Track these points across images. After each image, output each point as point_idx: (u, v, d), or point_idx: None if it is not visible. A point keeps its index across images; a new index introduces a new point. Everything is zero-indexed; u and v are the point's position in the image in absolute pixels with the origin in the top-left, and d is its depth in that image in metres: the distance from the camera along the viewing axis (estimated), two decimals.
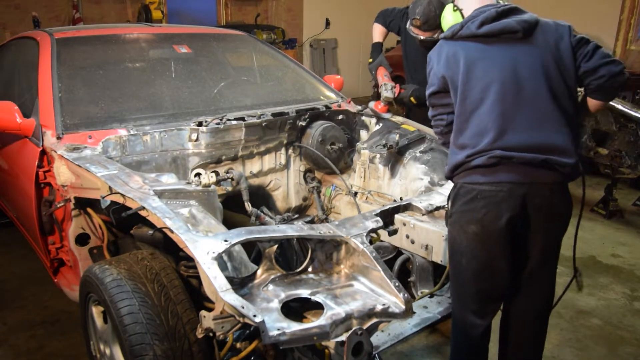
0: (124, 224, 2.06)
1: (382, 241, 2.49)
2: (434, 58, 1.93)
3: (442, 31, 2.85)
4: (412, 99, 3.04)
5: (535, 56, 1.79)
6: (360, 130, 3.07)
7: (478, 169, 1.77)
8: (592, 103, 1.87)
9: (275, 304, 1.56)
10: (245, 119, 2.57)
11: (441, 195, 2.15)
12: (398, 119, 2.97)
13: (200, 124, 2.45)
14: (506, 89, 1.76)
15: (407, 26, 2.98)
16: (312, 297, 1.63)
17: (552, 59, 1.78)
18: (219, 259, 1.50)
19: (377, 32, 3.29)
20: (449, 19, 2.02)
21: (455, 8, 2.00)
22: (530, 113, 1.75)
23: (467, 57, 1.81)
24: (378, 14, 3.29)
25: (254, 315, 1.38)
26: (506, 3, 1.85)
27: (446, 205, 1.95)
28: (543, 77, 1.76)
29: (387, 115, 3.00)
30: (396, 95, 3.07)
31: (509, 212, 1.75)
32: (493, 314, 1.94)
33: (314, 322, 1.49)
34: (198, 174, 2.41)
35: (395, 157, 2.78)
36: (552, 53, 1.78)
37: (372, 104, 3.13)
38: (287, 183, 2.97)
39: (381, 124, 2.97)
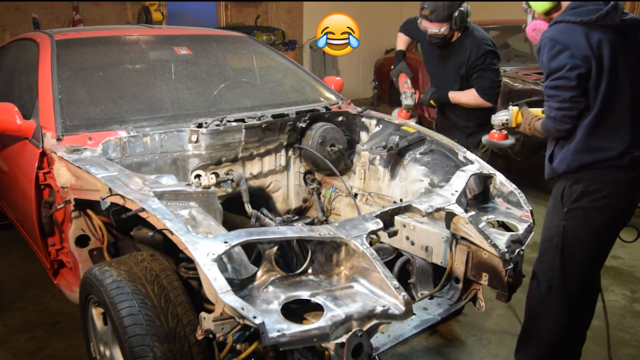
0: (124, 226, 2.06)
1: (382, 243, 2.49)
2: (564, 40, 1.83)
3: (452, 26, 2.89)
4: (431, 101, 3.15)
5: None
6: (360, 132, 3.07)
7: (614, 168, 1.88)
8: None
9: (275, 306, 1.56)
10: (245, 120, 2.57)
11: (441, 196, 2.15)
12: (400, 120, 2.98)
13: (200, 126, 2.46)
14: (638, 85, 1.85)
15: (418, 21, 3.02)
16: (312, 299, 1.63)
17: None
18: (218, 260, 1.50)
19: (400, 41, 3.41)
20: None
21: None
22: None
23: (613, 48, 1.81)
24: (402, 24, 3.35)
25: (254, 317, 1.38)
26: None
27: (561, 201, 2.00)
28: None
29: (412, 122, 3.05)
30: (416, 101, 3.22)
31: (628, 207, 1.97)
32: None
33: (313, 324, 1.50)
34: (198, 176, 2.41)
35: (395, 159, 2.78)
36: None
37: (395, 113, 3.23)
38: (287, 184, 2.97)
39: (381, 126, 2.97)
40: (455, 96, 3.07)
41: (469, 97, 3.03)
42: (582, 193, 1.94)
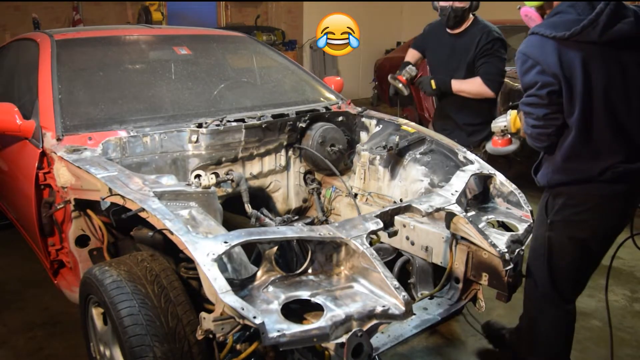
0: (124, 226, 2.06)
1: (382, 243, 2.49)
2: (536, 56, 1.75)
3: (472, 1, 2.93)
4: (432, 82, 3.08)
5: (637, 62, 1.77)
6: (360, 132, 3.07)
7: (595, 183, 1.83)
8: None
9: (275, 306, 1.56)
10: (245, 120, 2.57)
11: (441, 196, 2.15)
12: (399, 120, 2.98)
13: (200, 126, 2.46)
14: (619, 100, 1.77)
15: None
16: (312, 299, 1.63)
17: None
18: (219, 260, 1.50)
19: (409, 55, 3.44)
20: None
21: None
22: (634, 122, 1.80)
23: (585, 68, 1.71)
24: (413, 41, 3.48)
25: (254, 317, 1.38)
26: None
27: (545, 212, 1.97)
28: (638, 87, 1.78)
29: (406, 92, 3.09)
30: (417, 76, 3.19)
31: (618, 220, 1.92)
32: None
33: (313, 324, 1.50)
34: (198, 176, 2.41)
35: (395, 159, 2.78)
36: None
37: (391, 76, 3.19)
38: (287, 184, 2.97)
39: (381, 126, 2.97)
40: (458, 83, 3.04)
41: (472, 85, 3.00)
42: (563, 206, 1.90)
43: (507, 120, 2.22)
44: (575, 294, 2.09)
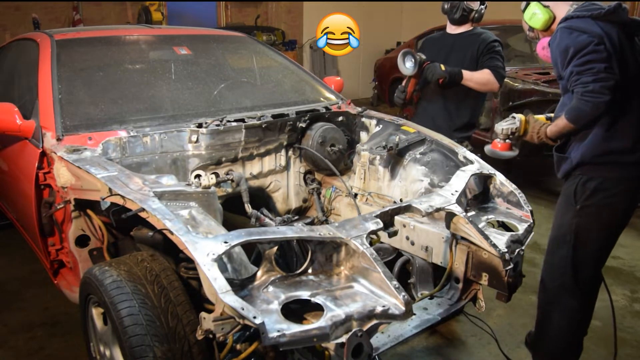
0: (124, 226, 2.06)
1: (382, 243, 2.49)
2: (581, 27, 1.90)
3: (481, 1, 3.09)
4: (442, 65, 3.05)
5: None
6: (360, 132, 3.07)
7: (625, 165, 1.95)
8: None
9: (275, 306, 1.56)
10: (245, 120, 2.57)
11: (441, 196, 2.15)
12: (399, 120, 2.97)
13: (200, 126, 2.46)
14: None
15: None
16: (312, 299, 1.63)
17: None
18: (219, 260, 1.50)
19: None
20: (539, 14, 2.08)
21: (544, 5, 2.08)
22: None
23: (620, 42, 1.89)
24: None
25: (254, 317, 1.38)
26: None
27: (574, 198, 2.05)
28: None
29: (413, 71, 3.10)
30: (425, 64, 3.15)
31: (630, 209, 2.04)
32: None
33: (313, 324, 1.50)
34: (198, 176, 2.41)
35: (395, 159, 2.78)
36: None
37: (404, 51, 3.21)
38: (287, 184, 2.97)
39: (381, 126, 2.97)
40: (468, 73, 3.08)
41: (481, 75, 3.07)
42: (595, 190, 1.99)
43: (518, 120, 2.24)
44: (591, 284, 2.14)
